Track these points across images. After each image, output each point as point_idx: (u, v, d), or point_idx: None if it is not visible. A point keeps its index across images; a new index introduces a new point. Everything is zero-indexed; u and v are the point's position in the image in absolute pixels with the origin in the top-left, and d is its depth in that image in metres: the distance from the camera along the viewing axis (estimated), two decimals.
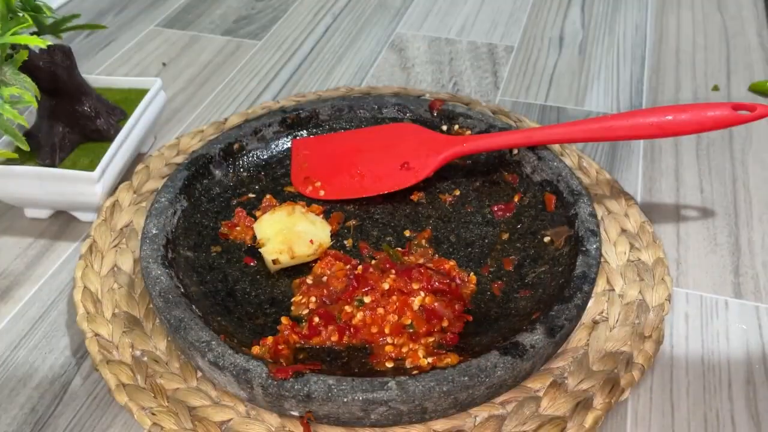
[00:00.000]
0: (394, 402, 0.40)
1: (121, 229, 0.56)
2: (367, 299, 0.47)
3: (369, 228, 0.56)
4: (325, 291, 0.49)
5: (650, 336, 0.47)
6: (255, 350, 0.44)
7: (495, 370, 0.41)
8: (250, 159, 0.61)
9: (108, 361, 0.46)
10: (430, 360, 0.44)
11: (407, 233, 0.55)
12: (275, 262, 0.51)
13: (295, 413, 0.42)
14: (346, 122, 0.65)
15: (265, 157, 0.62)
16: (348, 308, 0.47)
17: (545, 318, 0.44)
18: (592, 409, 0.43)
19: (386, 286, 0.47)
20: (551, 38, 0.84)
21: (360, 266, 0.50)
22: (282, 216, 0.53)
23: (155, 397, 0.44)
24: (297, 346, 0.46)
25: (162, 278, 0.47)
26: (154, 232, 0.51)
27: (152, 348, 0.47)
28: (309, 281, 0.50)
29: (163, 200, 0.54)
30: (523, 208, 0.56)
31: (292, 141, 0.63)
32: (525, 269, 0.51)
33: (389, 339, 0.46)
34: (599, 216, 0.56)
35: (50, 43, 0.51)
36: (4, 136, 0.57)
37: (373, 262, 0.50)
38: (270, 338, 0.45)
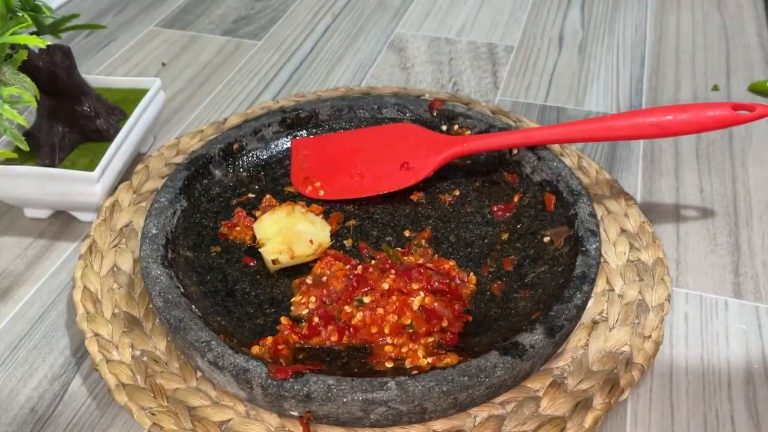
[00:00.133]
0: (394, 402, 0.40)
1: (121, 229, 0.56)
2: (367, 299, 0.47)
3: (369, 228, 0.56)
4: (325, 291, 0.49)
5: (650, 336, 0.47)
6: (255, 350, 0.44)
7: (495, 370, 0.41)
8: (250, 159, 0.61)
9: (108, 361, 0.46)
10: (430, 360, 0.44)
11: (407, 233, 0.55)
12: (275, 262, 0.51)
13: (295, 413, 0.42)
14: (346, 122, 0.65)
15: (265, 157, 0.62)
16: (348, 308, 0.47)
17: (545, 318, 0.44)
18: (592, 409, 0.43)
19: (386, 286, 0.47)
20: (551, 38, 0.84)
21: (360, 266, 0.50)
22: (282, 216, 0.53)
23: (155, 397, 0.44)
24: (297, 346, 0.46)
25: (162, 278, 0.47)
26: (154, 232, 0.51)
27: (152, 348, 0.47)
28: (309, 281, 0.50)
29: (163, 200, 0.54)
30: (523, 208, 0.56)
31: (292, 141, 0.63)
32: (525, 269, 0.51)
33: (389, 339, 0.45)
34: (599, 216, 0.56)
35: (50, 43, 0.51)
36: (4, 136, 0.57)
37: (373, 262, 0.50)
38: (270, 338, 0.45)
